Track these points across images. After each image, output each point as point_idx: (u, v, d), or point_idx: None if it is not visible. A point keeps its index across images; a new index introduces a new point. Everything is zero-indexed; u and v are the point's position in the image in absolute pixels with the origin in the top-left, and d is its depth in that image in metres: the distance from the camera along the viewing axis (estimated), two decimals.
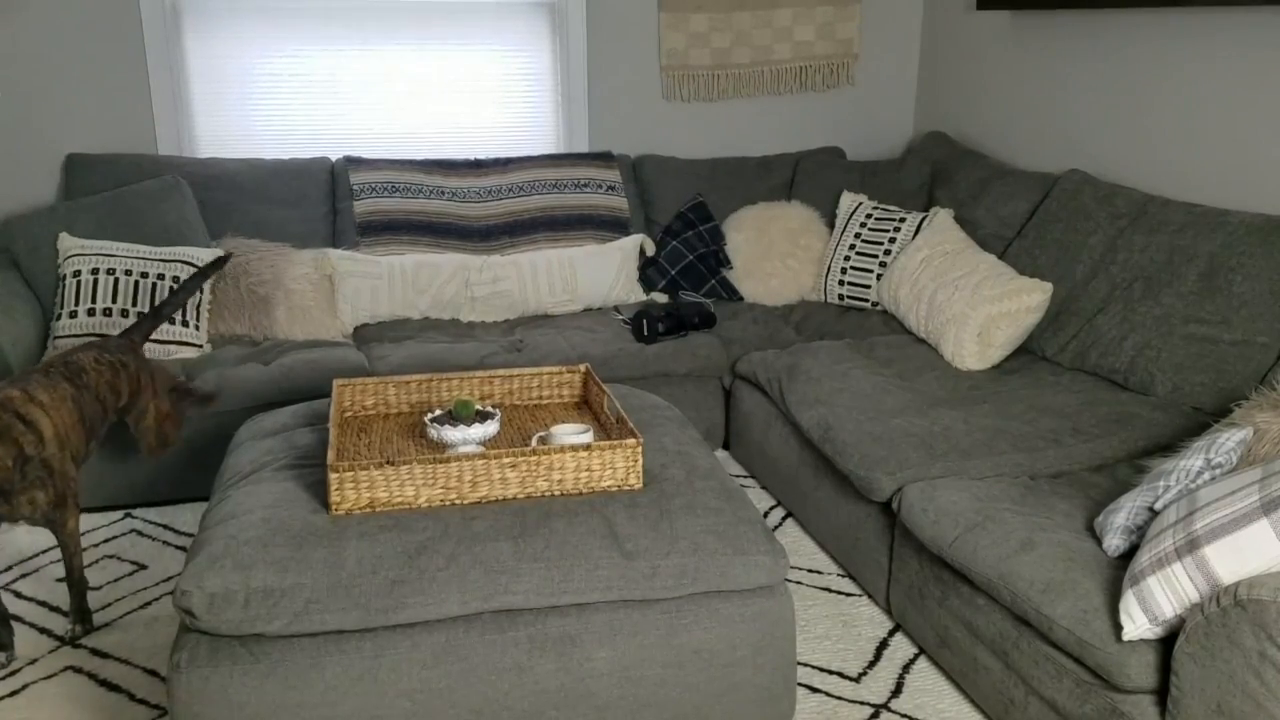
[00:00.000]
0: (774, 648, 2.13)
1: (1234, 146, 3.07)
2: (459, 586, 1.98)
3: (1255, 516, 1.72)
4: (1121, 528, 2.06)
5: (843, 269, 3.85)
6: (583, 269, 3.85)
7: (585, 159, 4.13)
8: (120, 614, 2.68)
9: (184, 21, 3.85)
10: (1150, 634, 1.84)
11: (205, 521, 2.15)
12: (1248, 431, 2.10)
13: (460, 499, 2.16)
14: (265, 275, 3.55)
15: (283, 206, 3.84)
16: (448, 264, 3.75)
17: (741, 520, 2.15)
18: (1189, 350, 2.81)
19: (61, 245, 3.39)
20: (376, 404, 2.63)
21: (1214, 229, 2.92)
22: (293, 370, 3.25)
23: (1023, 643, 2.11)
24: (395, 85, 4.10)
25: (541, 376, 2.70)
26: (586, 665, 2.05)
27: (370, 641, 1.97)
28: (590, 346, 3.45)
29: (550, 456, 2.18)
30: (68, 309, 3.30)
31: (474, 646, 2.00)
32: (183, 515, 3.22)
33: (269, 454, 2.38)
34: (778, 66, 4.41)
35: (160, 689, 2.38)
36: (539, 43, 4.20)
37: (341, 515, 2.10)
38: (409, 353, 3.37)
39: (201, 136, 3.97)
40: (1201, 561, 1.76)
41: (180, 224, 3.58)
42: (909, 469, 2.51)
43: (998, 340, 3.16)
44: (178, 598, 1.92)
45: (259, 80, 3.97)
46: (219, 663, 1.92)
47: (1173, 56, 3.25)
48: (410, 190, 3.92)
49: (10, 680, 2.41)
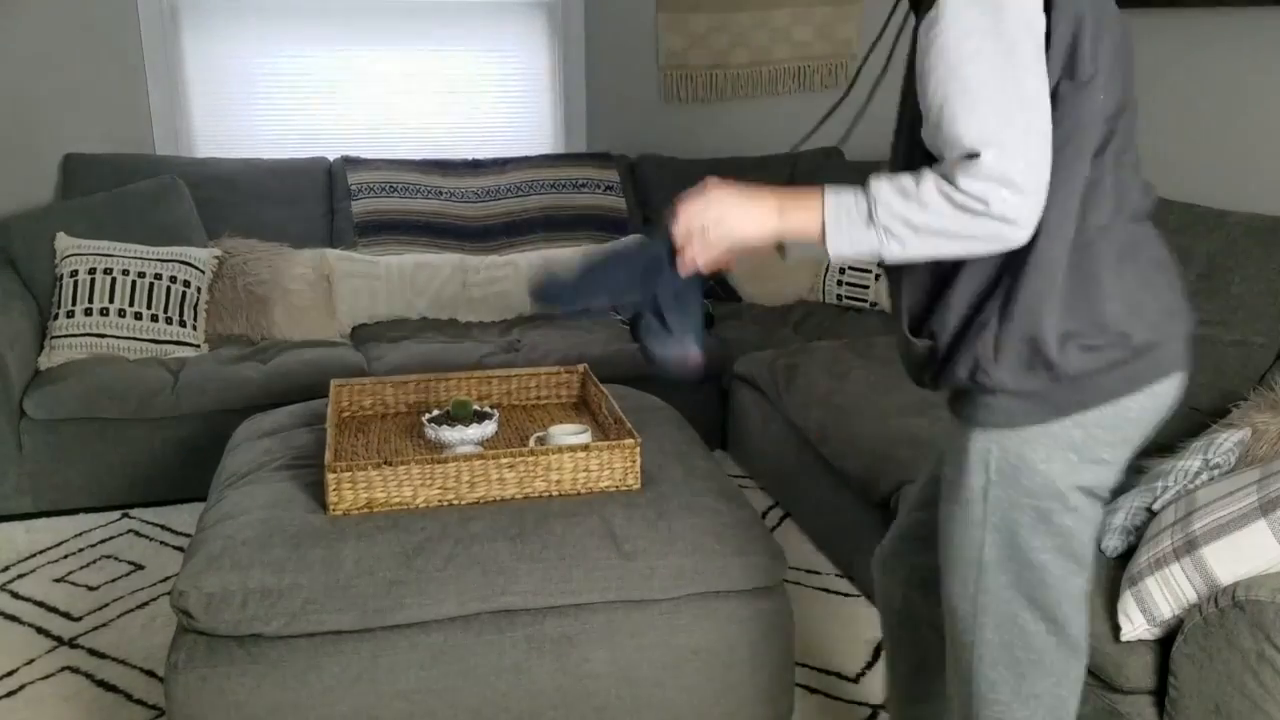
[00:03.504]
0: (772, 648, 2.13)
1: (1233, 147, 3.07)
2: (457, 587, 1.98)
3: (1253, 517, 1.72)
4: (1119, 528, 2.06)
5: (841, 269, 3.85)
6: None
7: (583, 159, 4.13)
8: (117, 614, 2.67)
9: (182, 21, 3.85)
10: (1148, 635, 1.84)
11: (203, 522, 2.14)
12: (1246, 432, 2.10)
13: (458, 499, 2.16)
14: (263, 275, 3.55)
15: (280, 206, 3.83)
16: (446, 264, 3.75)
17: (740, 521, 2.15)
18: None
19: (59, 245, 3.38)
20: (374, 404, 2.63)
21: (1212, 229, 2.92)
22: (290, 370, 3.24)
23: None
24: (393, 85, 4.10)
25: (539, 377, 2.69)
26: (585, 666, 2.04)
27: (368, 642, 1.97)
28: (588, 347, 3.45)
29: (548, 457, 2.18)
30: (65, 309, 3.29)
31: (472, 647, 2.00)
32: (180, 515, 3.21)
33: (267, 454, 2.38)
34: (776, 67, 4.41)
35: (158, 689, 2.38)
36: (537, 43, 4.19)
37: (339, 516, 2.10)
38: (407, 353, 3.37)
39: (199, 136, 3.97)
40: (1200, 562, 1.76)
41: (178, 224, 3.58)
42: (907, 469, 2.51)
43: None
44: (175, 598, 1.92)
45: (257, 80, 3.96)
46: (216, 663, 1.91)
47: (1172, 56, 3.25)
48: (408, 190, 3.91)
49: (8, 680, 2.41)
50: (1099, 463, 1.37)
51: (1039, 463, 1.36)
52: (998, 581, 1.42)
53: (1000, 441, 1.37)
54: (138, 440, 3.18)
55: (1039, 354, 1.32)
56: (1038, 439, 1.35)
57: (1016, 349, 1.33)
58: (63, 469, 3.15)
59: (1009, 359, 1.33)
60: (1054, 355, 1.32)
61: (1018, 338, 1.32)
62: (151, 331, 3.34)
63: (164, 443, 3.20)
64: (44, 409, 3.08)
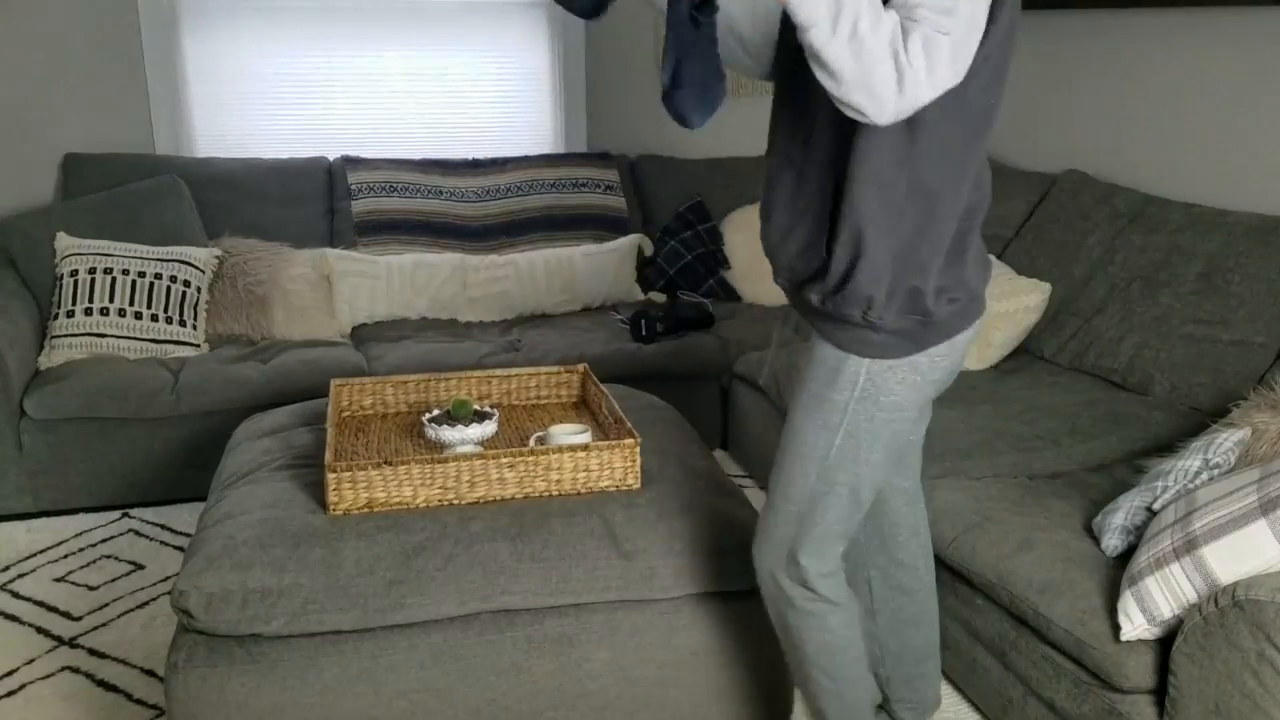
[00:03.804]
0: (772, 648, 2.13)
1: (1232, 147, 3.07)
2: (457, 587, 1.98)
3: (1253, 517, 1.72)
4: (1120, 528, 2.06)
5: None
6: (581, 269, 3.84)
7: (583, 159, 4.13)
8: (118, 614, 2.67)
9: (182, 21, 3.85)
10: (1148, 634, 1.84)
11: (203, 521, 2.14)
12: (1246, 432, 2.10)
13: (458, 499, 2.16)
14: (263, 275, 3.55)
15: (280, 206, 3.83)
16: (446, 264, 3.75)
17: (739, 521, 2.14)
18: (1187, 350, 2.81)
19: (59, 245, 3.38)
20: (374, 404, 2.63)
21: (1212, 229, 2.92)
22: (290, 370, 3.25)
23: (1021, 643, 2.11)
24: (393, 85, 4.10)
25: (539, 377, 2.70)
26: (584, 666, 2.04)
27: (368, 642, 1.97)
28: (588, 346, 3.45)
29: (548, 457, 2.18)
30: (65, 309, 3.29)
31: (472, 647, 2.00)
32: (180, 515, 3.21)
33: (267, 454, 2.38)
34: None
35: (158, 689, 2.38)
36: (537, 42, 4.19)
37: (339, 515, 2.10)
38: (407, 353, 3.37)
39: (199, 136, 3.97)
40: (1200, 562, 1.76)
41: (178, 223, 3.58)
42: None
43: (996, 340, 3.16)
44: (175, 598, 1.92)
45: (257, 80, 3.96)
46: (216, 663, 1.91)
47: (1171, 56, 3.25)
48: (408, 190, 3.91)
49: (8, 680, 2.41)
50: (932, 383, 1.69)
51: (896, 385, 1.66)
52: (835, 475, 1.72)
53: (870, 368, 1.65)
54: (138, 440, 3.18)
55: (920, 303, 1.61)
56: (899, 367, 1.65)
57: (904, 298, 1.60)
58: (63, 469, 3.15)
59: (896, 305, 1.60)
60: (930, 305, 1.61)
61: (906, 289, 1.60)
62: (151, 331, 3.34)
63: (164, 443, 3.20)
64: (44, 409, 3.08)
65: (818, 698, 1.86)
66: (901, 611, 1.99)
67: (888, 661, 2.03)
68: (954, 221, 1.58)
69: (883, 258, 1.57)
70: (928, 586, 2.01)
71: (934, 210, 1.56)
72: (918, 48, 1.36)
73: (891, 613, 1.99)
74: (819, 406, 1.70)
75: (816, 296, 1.66)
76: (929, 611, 2.02)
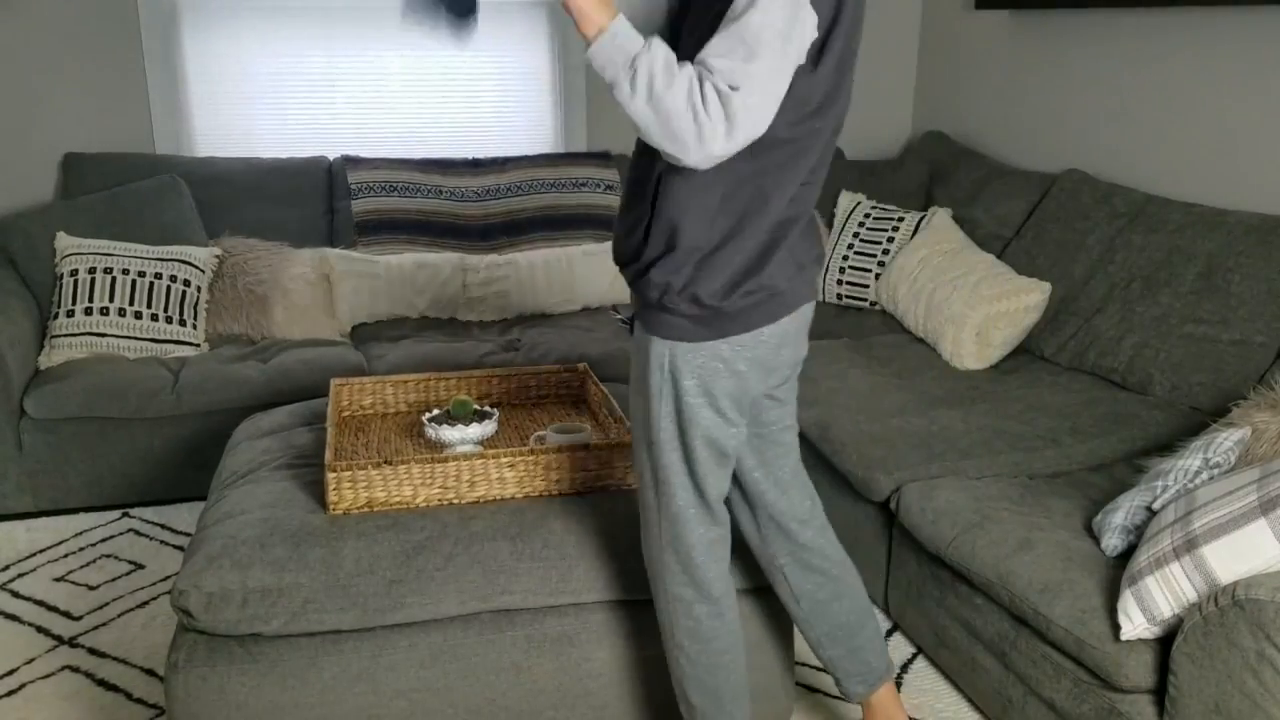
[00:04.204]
0: (772, 647, 2.13)
1: (1232, 146, 3.07)
2: (457, 586, 1.98)
3: (1253, 516, 1.72)
4: (1119, 527, 2.06)
5: (841, 268, 3.85)
6: (581, 268, 3.84)
7: (583, 158, 4.13)
8: (118, 613, 2.67)
9: (182, 20, 3.85)
10: (1148, 634, 1.84)
11: (203, 521, 2.15)
12: (1246, 431, 2.10)
13: (458, 499, 2.16)
14: (263, 275, 3.55)
15: (280, 206, 3.83)
16: (445, 263, 3.75)
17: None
18: (1187, 350, 2.81)
19: (59, 244, 3.38)
20: (374, 403, 2.63)
21: (1212, 229, 2.93)
22: (290, 370, 3.25)
23: (1021, 643, 2.11)
24: (393, 84, 4.10)
25: (539, 376, 2.70)
26: (584, 665, 2.05)
27: (368, 641, 1.97)
28: (588, 346, 3.45)
29: (548, 456, 2.18)
30: (65, 308, 3.29)
31: (472, 646, 2.00)
32: (180, 515, 3.21)
33: (266, 453, 2.38)
34: None
35: (158, 688, 2.38)
36: (537, 42, 4.19)
37: (339, 515, 2.10)
38: (406, 352, 3.37)
39: (199, 135, 3.97)
40: (1200, 561, 1.76)
41: (178, 223, 3.58)
42: (907, 469, 2.51)
43: (996, 340, 3.16)
44: (175, 597, 1.92)
45: (257, 79, 3.96)
46: (216, 662, 1.91)
47: (1171, 56, 3.25)
48: (408, 190, 3.91)
49: (8, 680, 2.41)
50: (737, 374, 1.73)
51: (697, 368, 1.71)
52: (668, 456, 1.77)
53: (673, 349, 1.72)
54: (138, 440, 3.18)
55: (709, 294, 1.68)
56: (699, 351, 1.71)
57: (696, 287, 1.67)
58: (63, 468, 3.15)
59: (688, 294, 1.68)
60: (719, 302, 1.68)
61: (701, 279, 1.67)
62: (151, 331, 3.34)
63: (164, 442, 3.20)
64: (44, 408, 3.08)
65: (681, 681, 1.90)
66: (819, 592, 2.00)
67: (824, 644, 2.04)
68: (764, 234, 1.68)
69: (690, 256, 1.67)
70: (840, 563, 2.01)
71: (743, 225, 1.66)
72: (715, 102, 1.47)
73: (810, 596, 2.00)
74: (641, 389, 1.78)
75: (628, 277, 1.77)
76: (849, 585, 2.02)
